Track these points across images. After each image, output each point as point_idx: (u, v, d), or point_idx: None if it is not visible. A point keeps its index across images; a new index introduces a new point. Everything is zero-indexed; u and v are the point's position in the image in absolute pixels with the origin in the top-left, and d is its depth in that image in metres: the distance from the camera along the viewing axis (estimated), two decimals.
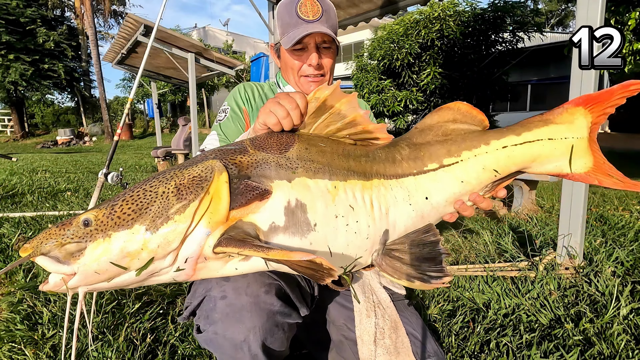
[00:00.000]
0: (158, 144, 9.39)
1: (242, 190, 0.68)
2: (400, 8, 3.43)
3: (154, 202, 0.65)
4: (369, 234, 0.77)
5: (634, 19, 5.29)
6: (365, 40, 15.99)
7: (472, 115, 0.86)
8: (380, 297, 1.09)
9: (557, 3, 27.47)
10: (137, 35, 5.56)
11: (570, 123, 0.81)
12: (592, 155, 0.82)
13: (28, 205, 3.37)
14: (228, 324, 0.76)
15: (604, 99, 0.80)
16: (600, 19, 1.67)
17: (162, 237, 0.63)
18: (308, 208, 0.71)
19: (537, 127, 0.82)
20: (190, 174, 0.68)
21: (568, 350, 1.28)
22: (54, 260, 0.63)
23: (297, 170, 0.74)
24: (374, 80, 10.38)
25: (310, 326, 1.18)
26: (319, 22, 1.13)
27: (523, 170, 0.85)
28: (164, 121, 21.52)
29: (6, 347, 1.27)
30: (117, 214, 0.64)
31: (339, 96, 0.80)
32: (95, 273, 0.63)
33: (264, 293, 0.77)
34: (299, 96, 0.80)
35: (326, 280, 0.61)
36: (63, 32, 19.86)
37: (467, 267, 1.96)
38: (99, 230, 0.63)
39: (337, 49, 1.24)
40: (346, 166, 0.78)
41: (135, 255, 0.63)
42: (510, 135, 0.82)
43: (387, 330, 1.02)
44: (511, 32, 10.06)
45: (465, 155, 0.82)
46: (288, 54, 1.17)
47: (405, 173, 0.82)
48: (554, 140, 0.81)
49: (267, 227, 0.69)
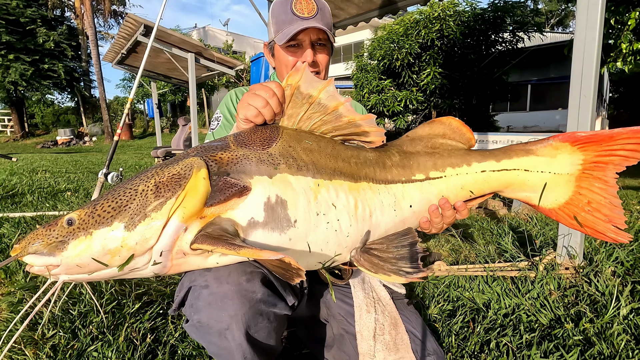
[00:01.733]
0: (158, 144, 9.39)
1: (221, 187, 0.69)
2: (400, 8, 3.43)
3: (134, 200, 0.67)
4: (349, 233, 0.78)
5: (634, 19, 5.28)
6: (365, 40, 15.99)
7: (461, 132, 0.89)
8: (380, 294, 1.09)
9: (557, 3, 27.46)
10: (137, 35, 5.56)
11: (552, 157, 0.81)
12: (573, 192, 0.80)
13: (28, 205, 3.37)
14: (211, 312, 0.76)
15: (599, 139, 0.76)
16: (601, 19, 1.67)
17: (140, 234, 0.65)
18: (289, 204, 0.72)
19: (517, 156, 0.83)
20: (170, 172, 0.69)
21: (568, 350, 1.28)
22: (40, 255, 0.66)
23: (279, 167, 0.74)
24: (374, 80, 10.37)
25: (310, 324, 1.18)
26: (314, 19, 1.12)
27: (497, 192, 0.89)
28: (164, 121, 21.52)
29: (6, 347, 1.28)
30: (99, 212, 0.67)
31: (315, 83, 0.79)
32: (77, 266, 0.66)
33: (245, 281, 0.77)
34: (274, 84, 0.79)
35: (295, 280, 0.62)
36: (63, 32, 19.87)
37: (467, 267, 1.96)
38: (81, 229, 0.66)
39: (332, 47, 1.24)
40: (333, 166, 0.79)
41: (115, 253, 0.65)
42: (491, 160, 0.85)
43: (387, 327, 1.02)
44: (511, 32, 10.06)
45: (448, 172, 0.86)
46: (283, 51, 1.17)
47: (395, 180, 0.84)
48: (529, 172, 0.82)
49: (246, 223, 0.70)
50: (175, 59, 6.30)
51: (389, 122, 11.37)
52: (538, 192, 0.83)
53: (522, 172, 0.83)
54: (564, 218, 0.82)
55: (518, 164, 0.83)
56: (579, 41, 1.73)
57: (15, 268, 1.84)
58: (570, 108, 1.78)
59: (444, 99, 10.07)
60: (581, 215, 0.80)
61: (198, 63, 6.28)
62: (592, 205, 0.79)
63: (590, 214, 0.79)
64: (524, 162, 0.83)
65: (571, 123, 1.79)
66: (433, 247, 2.52)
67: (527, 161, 0.83)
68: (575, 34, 1.75)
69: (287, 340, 1.38)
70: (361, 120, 0.83)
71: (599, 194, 0.79)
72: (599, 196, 0.79)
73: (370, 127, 0.84)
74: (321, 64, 1.20)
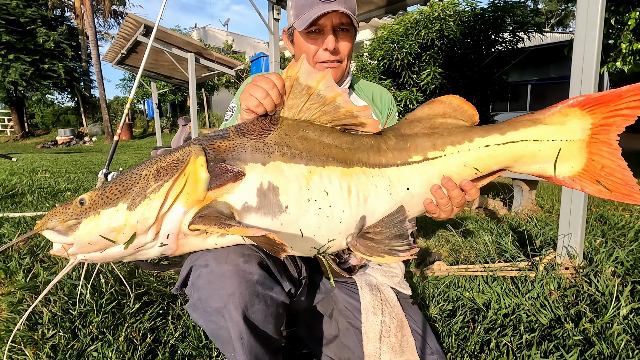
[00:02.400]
0: (158, 144, 9.39)
1: (217, 172, 0.73)
2: (400, 8, 3.43)
3: (137, 183, 0.73)
4: (342, 219, 0.79)
5: (634, 19, 5.28)
6: (365, 40, 15.99)
7: (462, 110, 0.85)
8: (388, 295, 1.10)
9: (557, 3, 27.46)
10: (137, 35, 5.56)
11: (561, 124, 0.78)
12: (587, 159, 0.78)
13: (28, 205, 3.37)
14: (210, 290, 0.79)
15: (607, 100, 0.74)
16: (601, 19, 1.67)
17: (140, 213, 0.71)
18: (280, 190, 0.75)
19: (524, 127, 0.79)
20: (171, 158, 0.75)
21: (568, 350, 1.28)
22: (57, 233, 0.74)
23: (273, 155, 0.77)
24: (374, 80, 10.38)
25: (311, 323, 1.18)
26: (337, 2, 1.04)
27: (506, 169, 0.85)
28: (164, 121, 21.51)
29: (6, 347, 1.27)
30: (107, 194, 0.74)
31: (313, 74, 0.81)
32: (89, 244, 0.73)
33: (242, 262, 0.79)
34: (275, 76, 0.80)
35: (281, 254, 0.65)
36: (63, 32, 19.85)
37: (467, 267, 1.96)
38: (91, 208, 0.73)
39: (356, 33, 1.16)
40: (327, 153, 0.81)
41: (119, 230, 0.71)
42: (495, 133, 0.81)
43: (393, 329, 1.02)
44: (511, 32, 10.06)
45: (449, 151, 0.82)
46: (302, 38, 1.10)
47: (389, 163, 0.83)
48: (539, 141, 0.79)
49: (241, 207, 0.74)
50: (176, 59, 6.30)
51: None
52: (551, 162, 0.79)
53: (531, 143, 0.79)
54: (587, 185, 0.77)
55: (526, 134, 0.79)
56: (579, 41, 1.73)
57: (15, 268, 1.84)
58: None
59: None
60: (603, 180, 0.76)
61: (198, 63, 6.28)
62: (605, 170, 0.77)
63: (607, 178, 0.76)
64: (532, 132, 0.78)
65: None
66: (433, 247, 2.52)
67: (536, 131, 0.78)
68: (575, 34, 1.75)
69: (288, 340, 1.38)
70: (358, 111, 0.84)
71: (609, 158, 0.76)
72: (609, 160, 0.76)
73: (366, 118, 0.84)
74: (343, 52, 1.12)
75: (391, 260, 0.78)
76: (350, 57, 1.16)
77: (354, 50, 6.69)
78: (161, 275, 1.79)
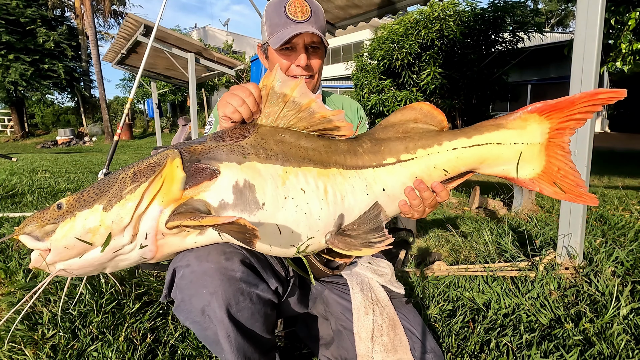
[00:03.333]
0: (158, 144, 9.40)
1: (193, 172, 0.76)
2: (400, 8, 3.43)
3: (114, 186, 0.75)
4: (320, 216, 0.81)
5: (634, 19, 5.29)
6: (365, 40, 15.98)
7: (432, 115, 0.91)
8: (379, 295, 1.10)
9: (557, 3, 27.47)
10: (137, 35, 5.56)
11: (522, 129, 0.83)
12: (546, 161, 0.84)
13: (28, 205, 3.37)
14: (193, 289, 0.79)
15: (562, 106, 0.80)
16: (601, 19, 1.67)
17: (115, 214, 0.72)
18: (257, 188, 0.77)
19: (488, 131, 0.85)
20: (148, 162, 0.77)
21: (568, 350, 1.28)
22: (34, 238, 0.74)
23: (248, 156, 0.80)
24: (374, 80, 10.38)
25: (310, 322, 1.18)
26: (308, 22, 1.13)
27: (473, 170, 0.90)
28: (164, 121, 21.52)
29: (6, 347, 1.27)
30: (84, 197, 0.75)
31: (288, 82, 0.85)
32: (65, 248, 0.73)
33: (224, 260, 0.80)
34: (251, 85, 0.84)
35: (254, 241, 0.67)
36: (63, 32, 19.85)
37: (467, 267, 1.96)
38: (68, 212, 0.74)
39: (326, 50, 1.24)
40: (303, 155, 0.84)
41: (95, 231, 0.72)
42: (462, 137, 0.86)
43: (385, 328, 1.02)
44: (511, 32, 10.07)
45: (419, 153, 0.88)
46: (276, 54, 1.17)
47: (365, 165, 0.88)
48: (502, 144, 0.84)
49: (217, 204, 0.75)
50: (175, 59, 6.30)
51: None
52: (514, 164, 0.85)
53: (494, 146, 0.84)
54: (545, 187, 0.84)
55: (489, 138, 0.85)
56: (579, 41, 1.73)
57: (15, 268, 1.84)
58: None
59: (444, 99, 10.08)
60: (559, 182, 0.82)
61: (198, 63, 6.28)
62: (560, 172, 0.83)
63: (562, 180, 0.82)
64: (495, 135, 0.84)
65: None
66: (433, 247, 2.53)
67: (499, 135, 0.84)
68: (575, 34, 1.75)
69: (288, 340, 1.38)
70: (332, 115, 0.88)
71: (563, 161, 0.83)
72: (563, 163, 0.83)
73: (340, 122, 0.89)
74: (314, 68, 1.20)
75: (368, 252, 0.80)
76: (320, 73, 1.25)
77: (354, 50, 6.71)
78: (161, 275, 1.79)
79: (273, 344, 0.94)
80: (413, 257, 2.27)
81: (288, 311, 1.07)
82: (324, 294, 1.12)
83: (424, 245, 2.59)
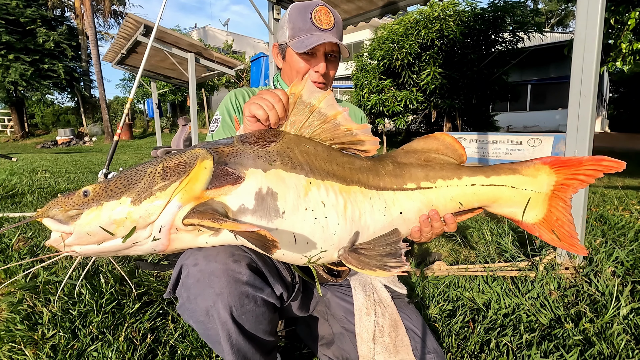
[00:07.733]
0: (158, 144, 9.40)
1: (218, 174, 0.76)
2: (400, 8, 3.43)
3: (142, 179, 0.75)
4: (336, 231, 0.81)
5: (634, 19, 5.29)
6: (365, 40, 15.97)
7: (454, 149, 0.96)
8: (381, 295, 1.10)
9: (557, 3, 27.47)
10: (137, 35, 5.56)
11: (534, 177, 0.91)
12: (547, 210, 0.91)
13: (28, 205, 3.37)
14: (199, 288, 0.80)
15: (571, 164, 0.89)
16: (601, 19, 1.67)
17: (144, 209, 0.72)
18: (279, 197, 0.77)
19: (505, 174, 0.91)
20: (178, 159, 0.78)
21: (568, 350, 1.28)
22: (58, 221, 0.74)
23: (274, 163, 0.80)
24: (374, 80, 10.38)
25: (311, 323, 1.18)
26: (331, 32, 1.16)
27: (484, 207, 0.95)
28: (164, 121, 21.51)
29: (6, 347, 1.27)
30: (111, 187, 0.75)
31: (316, 93, 0.86)
32: (87, 235, 0.73)
33: (232, 262, 0.80)
34: (280, 91, 0.85)
35: (272, 250, 0.67)
36: (63, 32, 19.83)
37: (467, 267, 1.96)
38: (94, 200, 0.74)
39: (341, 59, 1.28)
40: (327, 169, 0.85)
41: (120, 223, 0.72)
42: (480, 175, 0.91)
43: (387, 329, 1.02)
44: (511, 32, 10.06)
45: (439, 183, 0.91)
46: (297, 57, 1.18)
47: (387, 187, 0.89)
48: (515, 188, 0.91)
49: (237, 208, 0.75)
50: (175, 59, 6.30)
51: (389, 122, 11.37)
52: (521, 208, 0.91)
53: (509, 189, 0.91)
54: (544, 233, 0.92)
55: (505, 180, 0.91)
56: (579, 41, 1.73)
57: (15, 268, 1.84)
58: (570, 108, 1.78)
59: (444, 98, 10.07)
60: (556, 230, 0.91)
61: (198, 63, 6.28)
62: (558, 222, 0.91)
63: (559, 229, 0.90)
64: (510, 179, 0.91)
65: (571, 123, 1.79)
66: (433, 247, 2.52)
67: (514, 179, 0.91)
68: (575, 34, 1.75)
69: (288, 340, 1.38)
70: (358, 129, 0.89)
71: (562, 212, 0.90)
72: (562, 214, 0.90)
73: (365, 136, 0.89)
74: (330, 76, 1.24)
75: (383, 275, 0.80)
76: (332, 81, 1.28)
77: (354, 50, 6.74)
78: (161, 275, 1.79)
79: (275, 344, 0.94)
80: (413, 257, 2.27)
81: (290, 313, 1.07)
82: (326, 297, 1.12)
83: (424, 245, 2.59)
